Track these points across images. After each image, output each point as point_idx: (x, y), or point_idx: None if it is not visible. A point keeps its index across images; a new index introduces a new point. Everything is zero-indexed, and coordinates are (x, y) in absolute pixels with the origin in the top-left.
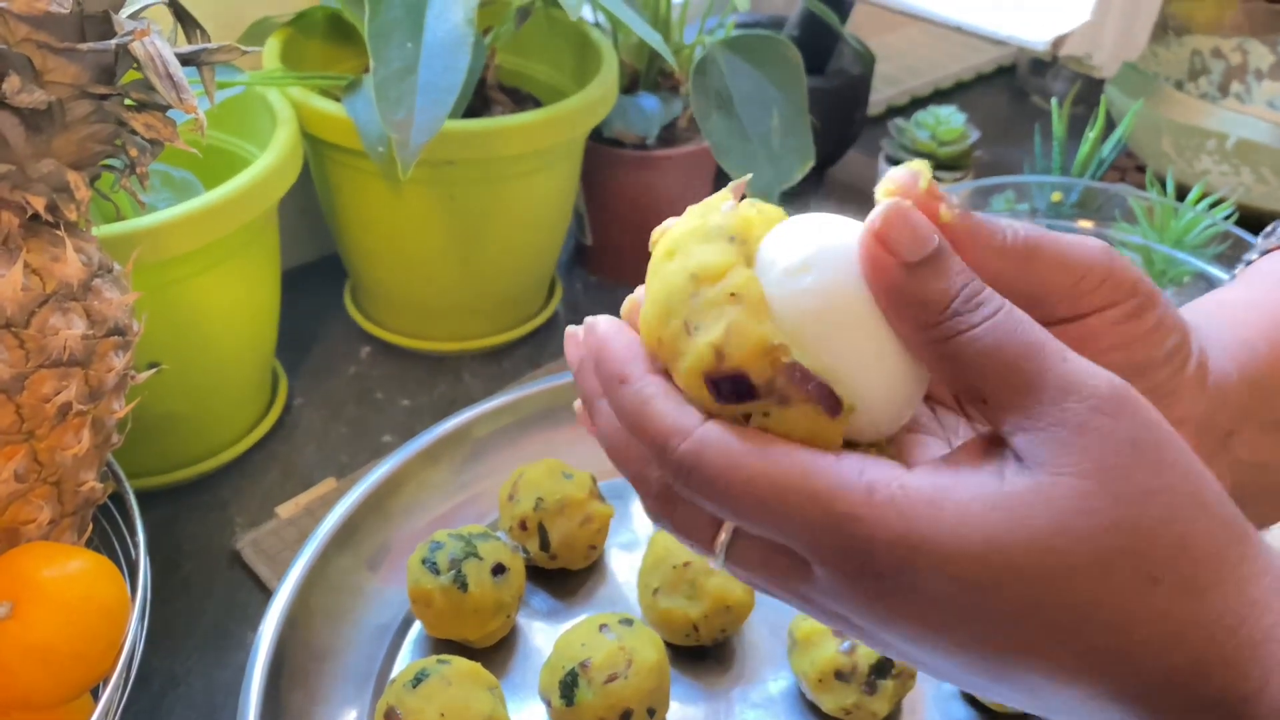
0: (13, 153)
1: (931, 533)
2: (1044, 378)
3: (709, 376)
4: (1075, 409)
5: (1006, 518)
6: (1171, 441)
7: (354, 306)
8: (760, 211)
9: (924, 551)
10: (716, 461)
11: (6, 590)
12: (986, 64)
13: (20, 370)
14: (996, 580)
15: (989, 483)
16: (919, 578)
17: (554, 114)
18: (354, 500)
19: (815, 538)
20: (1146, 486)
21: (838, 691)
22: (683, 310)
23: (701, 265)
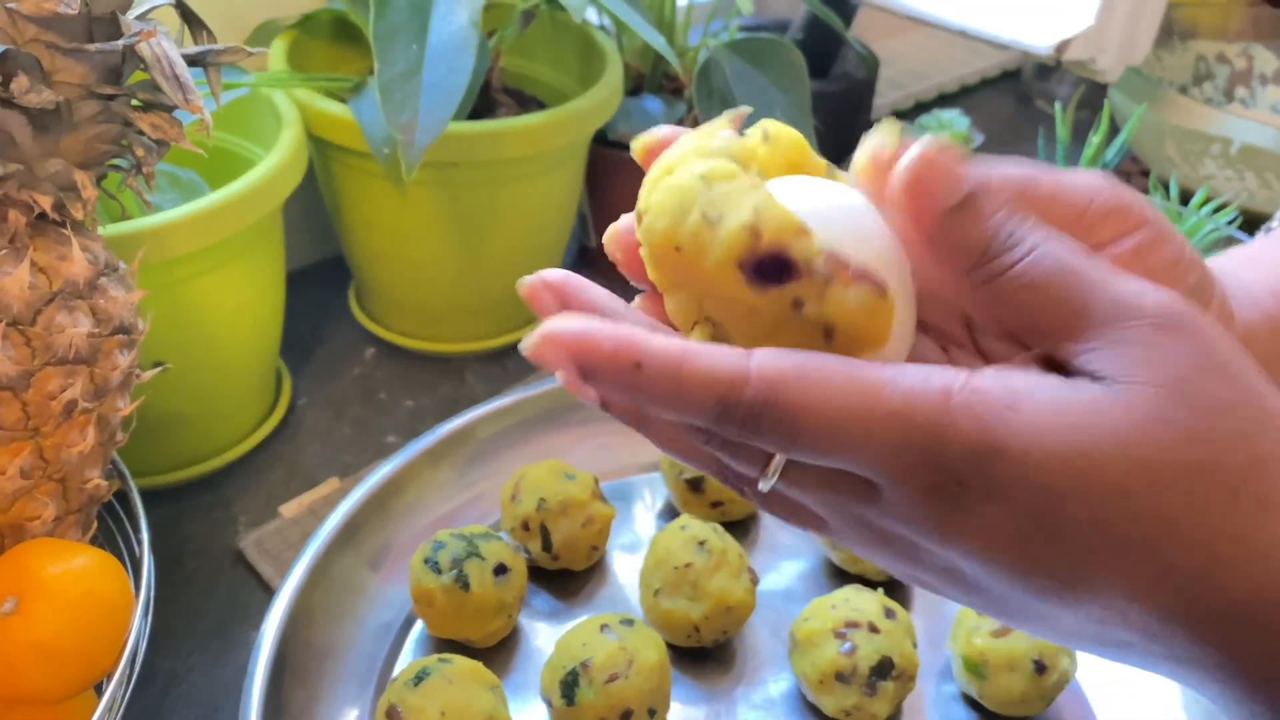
0: (20, 152)
1: (1012, 437)
2: (1096, 303)
3: (746, 262)
4: (1135, 328)
5: (1088, 422)
6: (1236, 356)
7: (358, 307)
8: (767, 139)
9: (1005, 457)
10: (789, 398)
11: (11, 586)
12: (991, 68)
13: (26, 367)
14: (1079, 488)
15: (1062, 389)
16: (999, 484)
17: (558, 116)
18: (357, 500)
19: (893, 457)
20: (1219, 399)
21: (838, 693)
22: (700, 205)
23: (710, 169)
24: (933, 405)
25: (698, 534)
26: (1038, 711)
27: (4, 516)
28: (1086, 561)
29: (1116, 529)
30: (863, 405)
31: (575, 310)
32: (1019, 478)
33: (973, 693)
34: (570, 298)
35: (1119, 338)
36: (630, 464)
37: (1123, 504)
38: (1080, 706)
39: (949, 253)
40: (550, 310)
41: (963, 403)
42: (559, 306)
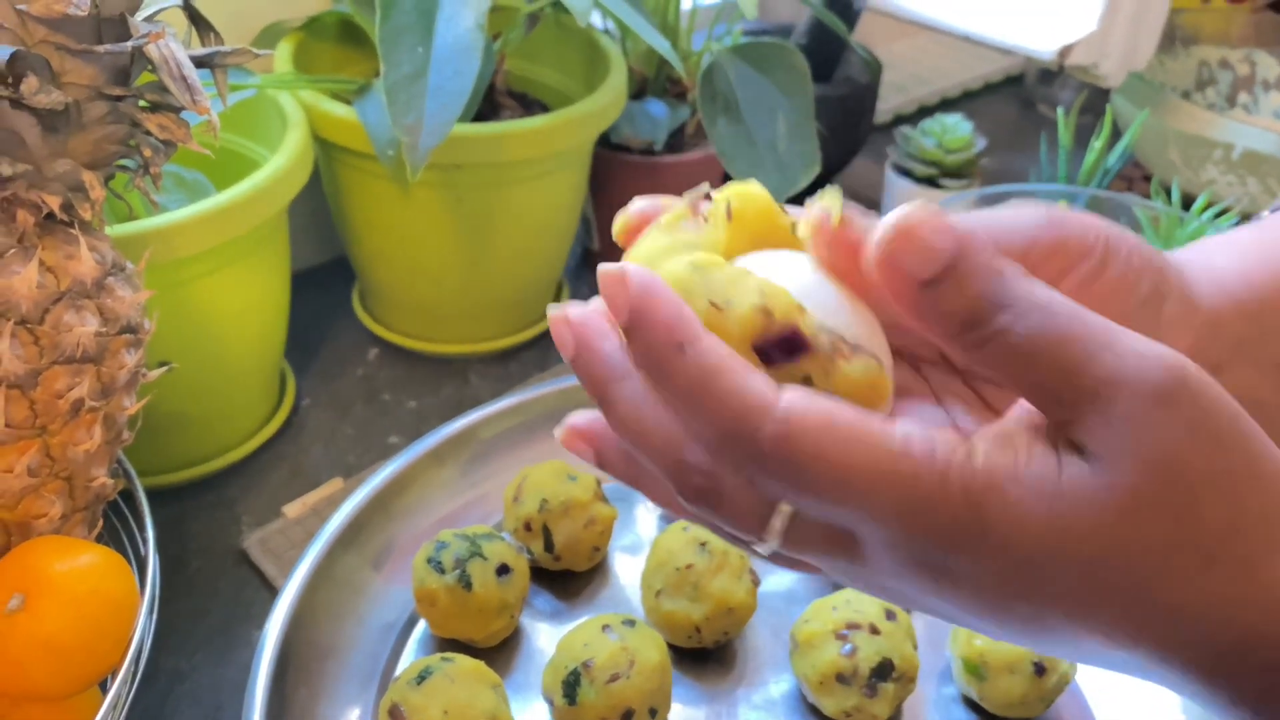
0: (30, 152)
1: (998, 517)
2: (1089, 374)
3: (761, 341)
4: (1128, 404)
5: (1069, 508)
6: (1229, 421)
7: (362, 308)
8: (730, 215)
9: (991, 535)
10: (806, 446)
11: (18, 583)
12: (994, 73)
13: (34, 366)
14: (1057, 566)
15: (1048, 469)
16: (983, 558)
17: (562, 119)
18: (360, 500)
19: (891, 519)
20: (1204, 473)
21: (838, 694)
22: (704, 292)
23: (698, 260)
24: (934, 477)
25: (699, 535)
26: (1038, 713)
27: (11, 514)
28: (1064, 622)
29: (1094, 597)
30: (872, 463)
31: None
32: (1001, 551)
33: (973, 694)
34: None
35: (1112, 413)
36: None
37: (1099, 575)
38: (1080, 708)
39: (932, 321)
40: (568, 348)
41: (958, 479)
42: (574, 345)
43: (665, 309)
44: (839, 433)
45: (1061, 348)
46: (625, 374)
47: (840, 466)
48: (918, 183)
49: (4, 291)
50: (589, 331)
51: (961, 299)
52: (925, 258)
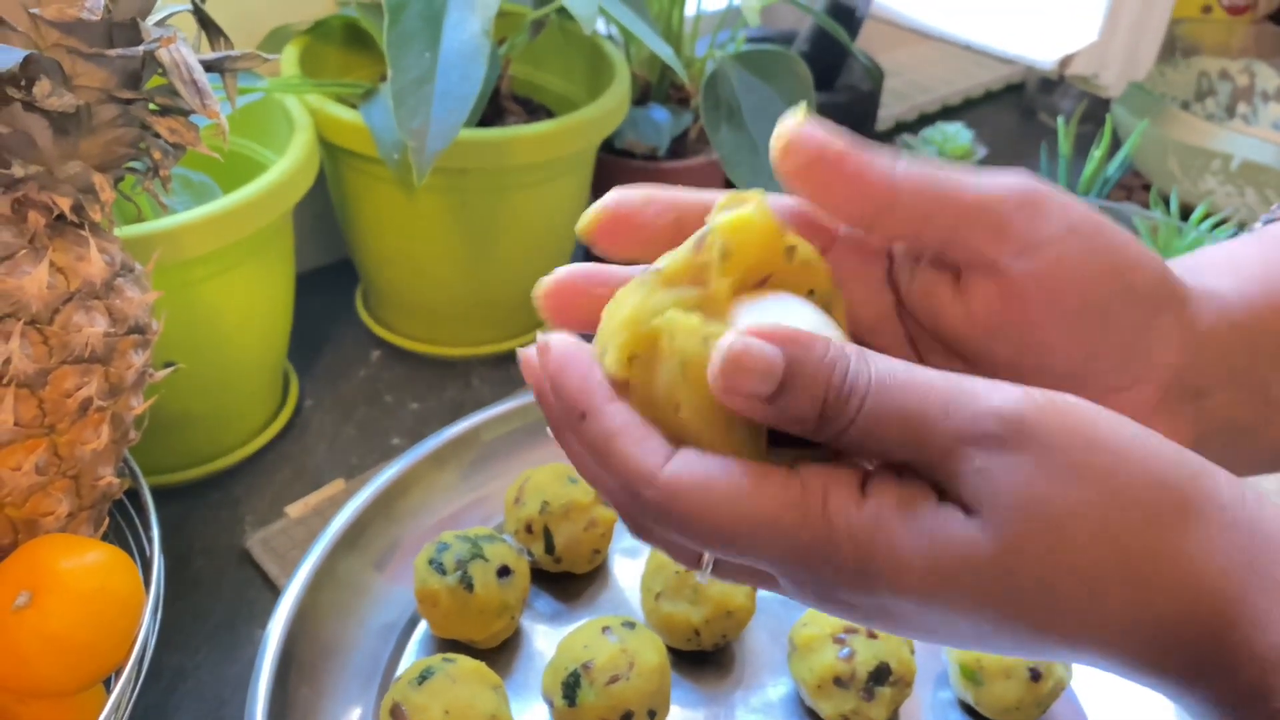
0: (41, 154)
1: (884, 565)
2: (934, 444)
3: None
4: (977, 460)
5: (944, 555)
6: (1081, 451)
7: (365, 310)
8: (726, 256)
9: (879, 582)
10: (685, 509)
11: (25, 580)
12: (995, 82)
13: (44, 365)
14: (950, 608)
15: (928, 523)
16: (882, 599)
17: (566, 124)
18: (363, 501)
19: (782, 565)
20: (1065, 505)
21: (836, 697)
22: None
23: (686, 356)
24: (820, 528)
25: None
26: (1033, 718)
27: (18, 512)
28: (983, 644)
29: (992, 636)
30: (752, 519)
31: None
32: (894, 596)
33: (969, 699)
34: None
35: (965, 470)
36: None
37: (986, 618)
38: (1075, 713)
39: (789, 428)
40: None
41: (845, 529)
42: (535, 390)
43: (571, 381)
44: (715, 495)
45: (905, 424)
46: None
47: (720, 524)
48: None
49: (15, 291)
50: (541, 384)
51: (806, 403)
52: (760, 378)
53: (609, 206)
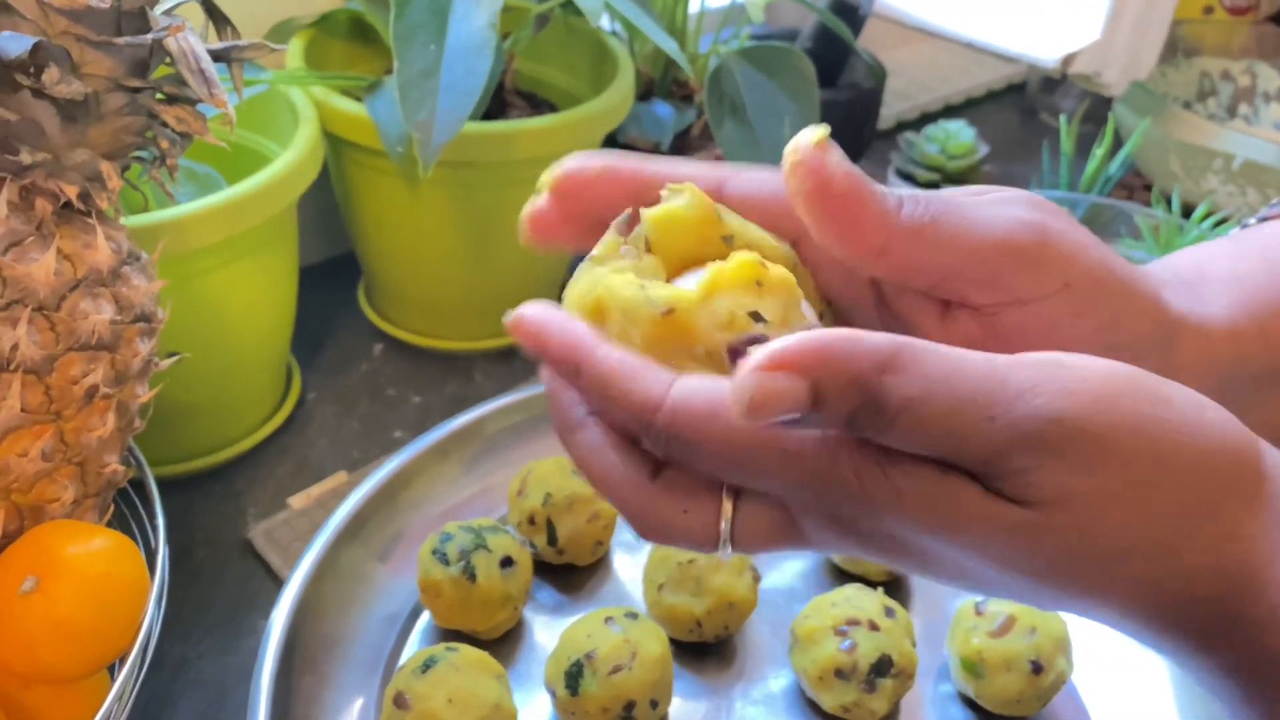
0: (49, 142)
1: (884, 504)
2: (972, 447)
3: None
4: (1014, 460)
5: (960, 504)
6: (1130, 442)
7: (367, 304)
8: (654, 228)
9: (883, 521)
10: (695, 429)
11: (32, 565)
12: (997, 81)
13: (51, 352)
14: (957, 549)
15: (941, 485)
16: (889, 531)
17: (570, 119)
18: (365, 492)
19: (792, 490)
20: (1102, 492)
21: (837, 689)
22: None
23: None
24: (820, 458)
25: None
26: (1034, 711)
27: (24, 498)
28: (1000, 592)
29: (1011, 586)
30: (757, 446)
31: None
32: (901, 535)
33: (970, 692)
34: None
35: (1008, 470)
36: None
37: (1007, 573)
38: (1075, 707)
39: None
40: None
41: (846, 458)
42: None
43: (554, 339)
44: (724, 413)
45: (943, 436)
46: (578, 426)
47: (732, 442)
48: (921, 189)
49: (23, 278)
50: (551, 387)
51: (841, 414)
52: (791, 407)
53: (572, 173)
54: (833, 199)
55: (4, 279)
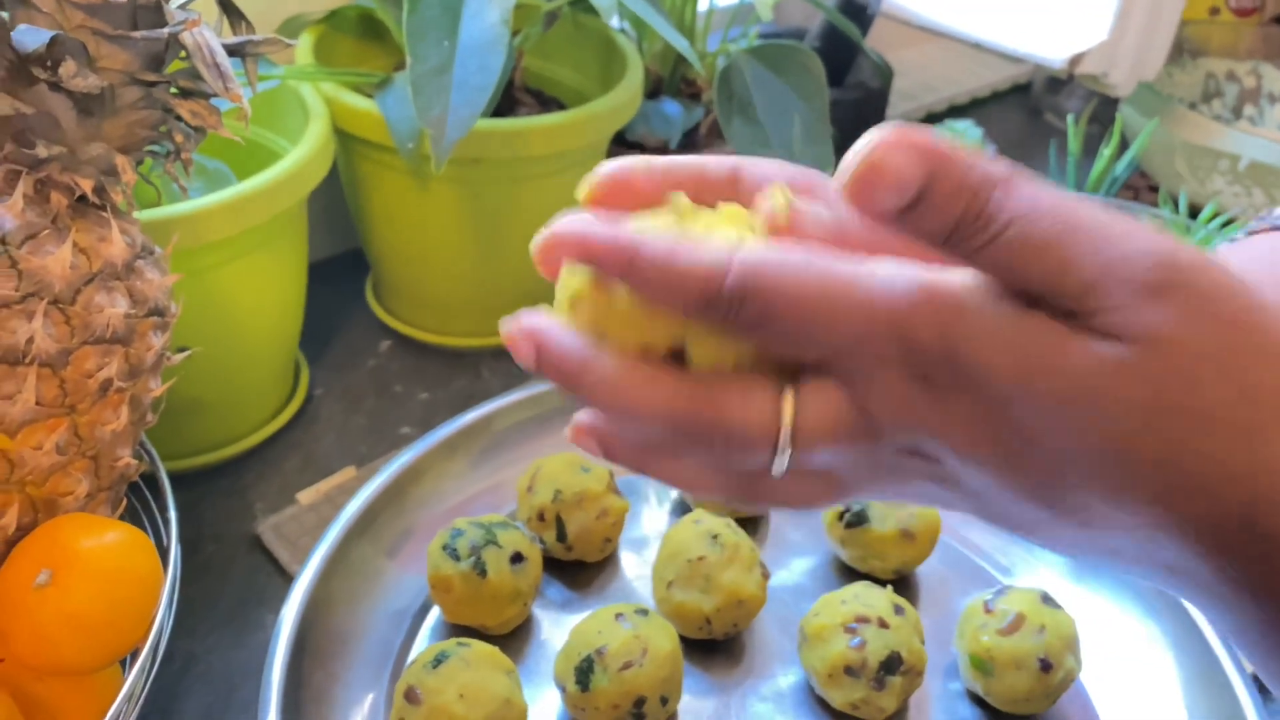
0: (65, 135)
1: (967, 347)
2: (1076, 272)
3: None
4: (1119, 298)
5: (1040, 353)
6: (1228, 302)
7: (375, 300)
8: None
9: (962, 357)
10: (768, 285)
11: (46, 558)
12: (1001, 81)
13: (66, 345)
14: (1042, 403)
15: (1026, 321)
16: (962, 380)
17: (579, 116)
18: (375, 488)
19: (862, 344)
20: (1199, 350)
21: (847, 687)
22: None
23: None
24: (897, 300)
25: (711, 528)
26: (1042, 709)
27: (39, 491)
28: (1062, 470)
29: (1078, 446)
30: (832, 296)
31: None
32: (981, 379)
33: (978, 690)
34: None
35: (1108, 304)
36: None
37: (1071, 420)
38: (1083, 706)
39: (912, 237)
40: (529, 358)
41: (925, 300)
42: (534, 352)
43: (601, 240)
44: (794, 271)
45: (1048, 252)
46: (588, 357)
47: (802, 302)
48: None
49: (38, 271)
50: (543, 334)
51: (940, 220)
52: (896, 189)
53: (613, 174)
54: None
55: (20, 272)
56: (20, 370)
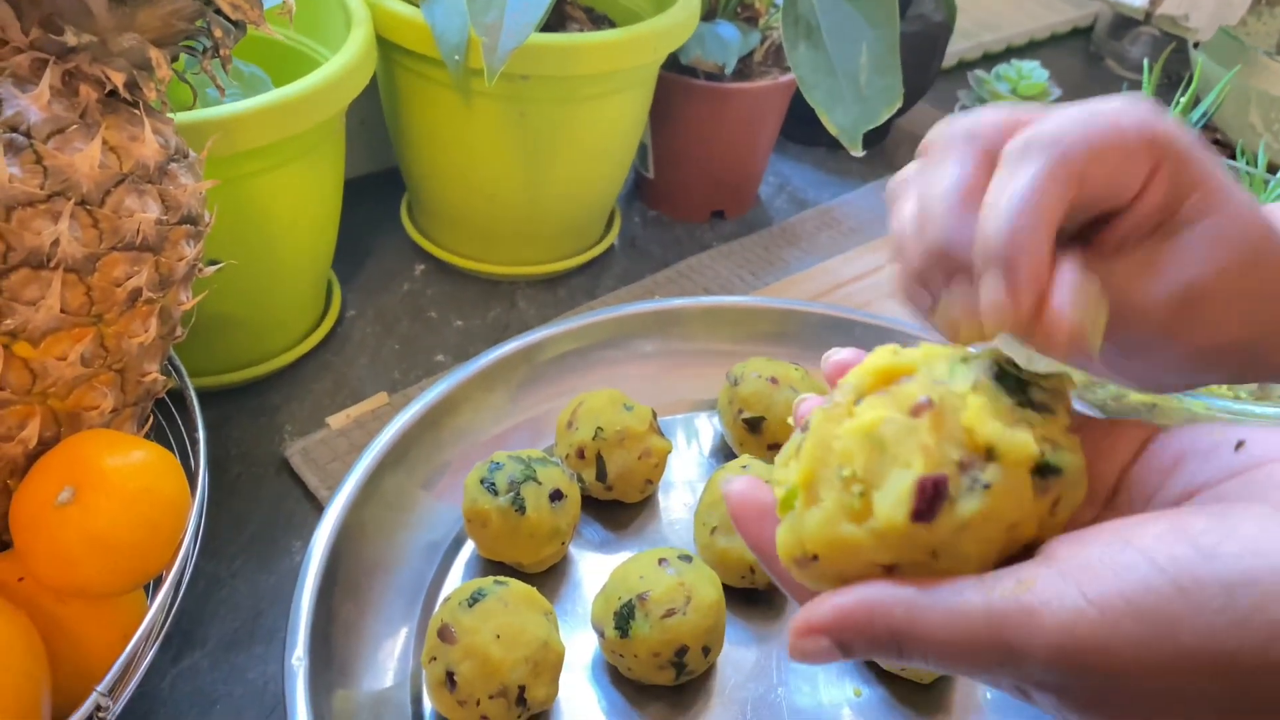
0: (96, 23)
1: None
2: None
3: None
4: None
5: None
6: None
7: (410, 223)
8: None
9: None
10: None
11: (69, 476)
12: (1062, 24)
13: (93, 250)
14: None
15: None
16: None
17: (635, 34)
18: (411, 416)
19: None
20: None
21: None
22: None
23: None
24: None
25: (759, 473)
26: None
27: (62, 404)
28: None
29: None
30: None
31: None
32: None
33: None
34: None
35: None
36: (685, 400)
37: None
38: None
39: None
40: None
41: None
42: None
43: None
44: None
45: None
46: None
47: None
48: None
49: (65, 169)
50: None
51: (866, 651)
52: (820, 651)
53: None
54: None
55: (46, 168)
56: (45, 274)
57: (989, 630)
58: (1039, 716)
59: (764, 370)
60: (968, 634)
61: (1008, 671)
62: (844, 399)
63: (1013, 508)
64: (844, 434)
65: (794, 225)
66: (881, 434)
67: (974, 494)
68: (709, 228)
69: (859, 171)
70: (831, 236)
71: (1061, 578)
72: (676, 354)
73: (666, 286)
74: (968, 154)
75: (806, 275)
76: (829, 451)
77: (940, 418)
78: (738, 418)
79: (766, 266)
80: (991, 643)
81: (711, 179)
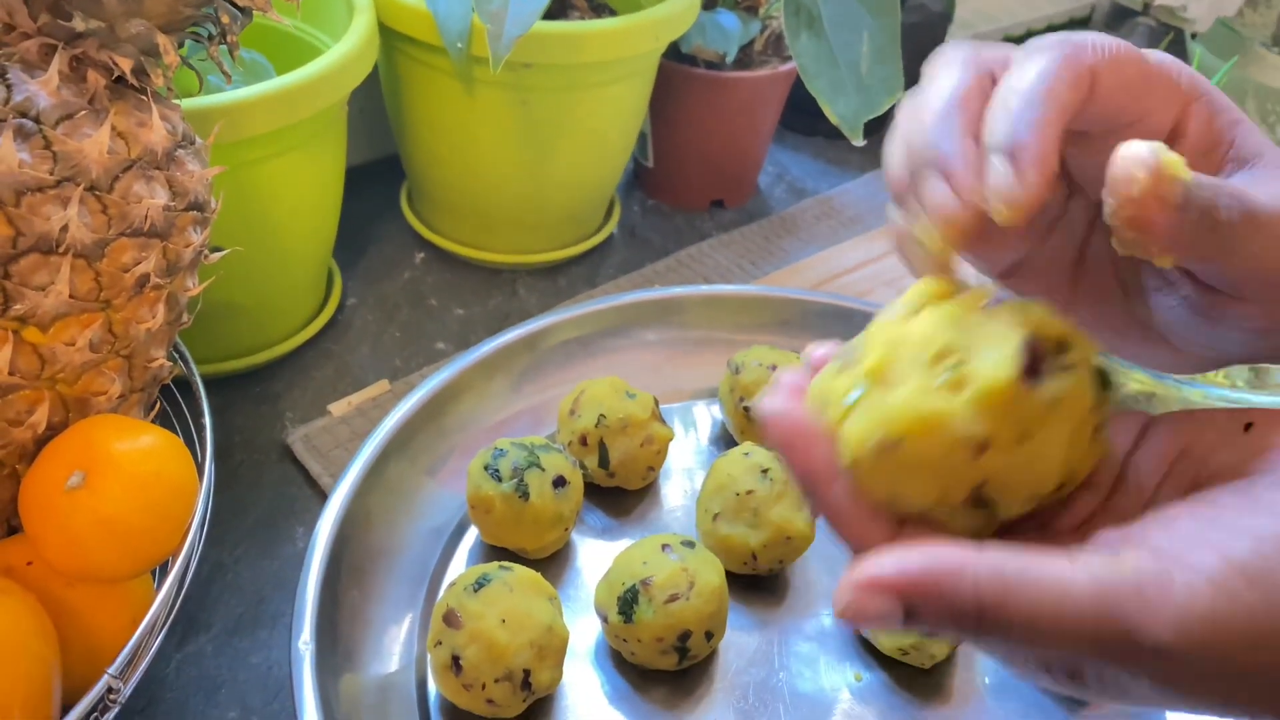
0: (104, 9)
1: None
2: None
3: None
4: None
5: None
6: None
7: (410, 210)
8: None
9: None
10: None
11: (78, 460)
12: (1059, 15)
13: (102, 236)
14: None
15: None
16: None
17: (636, 22)
18: (414, 403)
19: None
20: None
21: (897, 631)
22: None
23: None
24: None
25: (761, 461)
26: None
27: (70, 389)
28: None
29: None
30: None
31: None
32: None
33: None
34: None
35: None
36: (685, 388)
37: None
38: None
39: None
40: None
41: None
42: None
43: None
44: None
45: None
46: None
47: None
48: None
49: (74, 154)
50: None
51: (938, 622)
52: (882, 613)
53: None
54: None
55: (55, 154)
56: (54, 260)
57: (1099, 609)
58: (1038, 701)
59: (765, 359)
60: (1075, 613)
61: (1110, 654)
62: (904, 310)
63: (1082, 402)
64: (925, 319)
65: (793, 215)
66: (965, 319)
67: (1061, 374)
68: (708, 217)
69: (858, 161)
70: (831, 226)
71: (1156, 556)
72: (677, 342)
73: (666, 275)
74: (967, 68)
75: (806, 264)
76: (901, 344)
77: (1013, 310)
78: (739, 406)
79: (766, 256)
80: (1100, 623)
81: (711, 168)
